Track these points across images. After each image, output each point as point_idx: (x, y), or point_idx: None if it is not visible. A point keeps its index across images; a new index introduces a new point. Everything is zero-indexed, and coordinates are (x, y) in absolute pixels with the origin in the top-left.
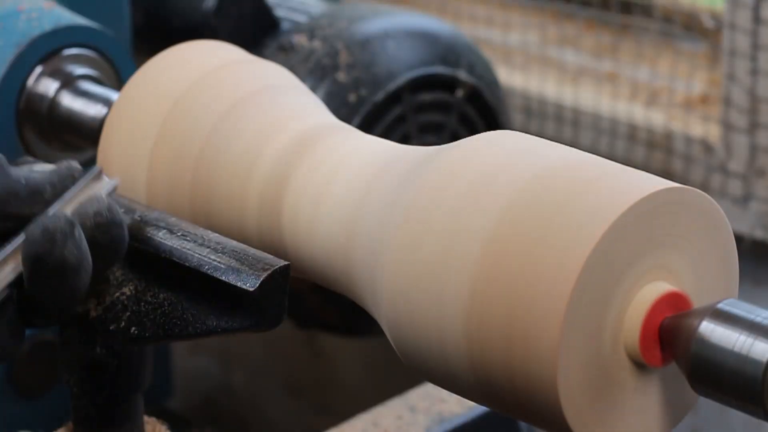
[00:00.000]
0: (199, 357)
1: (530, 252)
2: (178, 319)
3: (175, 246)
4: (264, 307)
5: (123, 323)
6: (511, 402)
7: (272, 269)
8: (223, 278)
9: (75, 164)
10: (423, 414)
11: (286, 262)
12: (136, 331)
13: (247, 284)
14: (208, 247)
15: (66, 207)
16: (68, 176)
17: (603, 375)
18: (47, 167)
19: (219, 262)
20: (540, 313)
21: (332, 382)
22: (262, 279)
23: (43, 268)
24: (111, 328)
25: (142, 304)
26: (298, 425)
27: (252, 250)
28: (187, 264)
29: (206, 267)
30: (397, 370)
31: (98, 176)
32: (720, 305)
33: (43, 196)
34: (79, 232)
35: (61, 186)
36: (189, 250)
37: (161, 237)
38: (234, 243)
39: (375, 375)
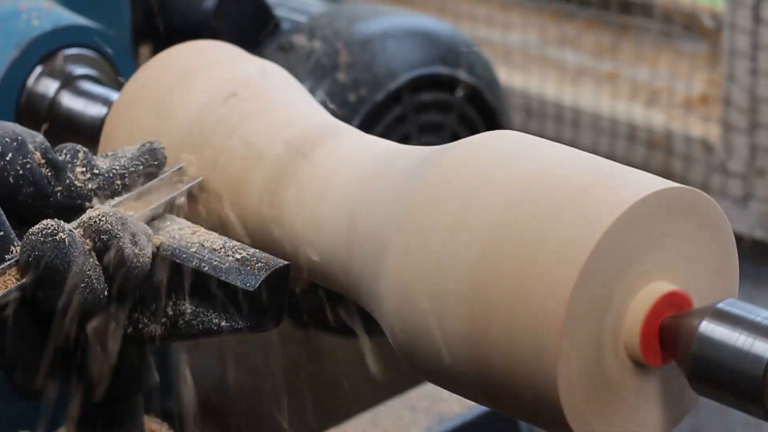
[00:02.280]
0: (199, 357)
1: (530, 252)
2: (179, 319)
3: (175, 246)
4: (264, 307)
5: (123, 323)
6: (511, 402)
7: (272, 269)
8: (223, 278)
9: (156, 144)
10: (423, 414)
11: (286, 262)
12: (136, 332)
13: (247, 284)
14: (208, 247)
15: (134, 203)
16: (154, 161)
17: (603, 374)
18: (130, 152)
19: (219, 262)
20: (540, 313)
21: (332, 382)
22: (262, 279)
23: (31, 271)
24: (111, 328)
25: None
26: (298, 425)
27: (252, 250)
28: (187, 264)
29: (206, 267)
30: (397, 370)
31: (180, 173)
32: (720, 305)
33: (136, 187)
34: (71, 238)
35: (152, 174)
36: (189, 250)
37: (161, 237)
38: (234, 243)
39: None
